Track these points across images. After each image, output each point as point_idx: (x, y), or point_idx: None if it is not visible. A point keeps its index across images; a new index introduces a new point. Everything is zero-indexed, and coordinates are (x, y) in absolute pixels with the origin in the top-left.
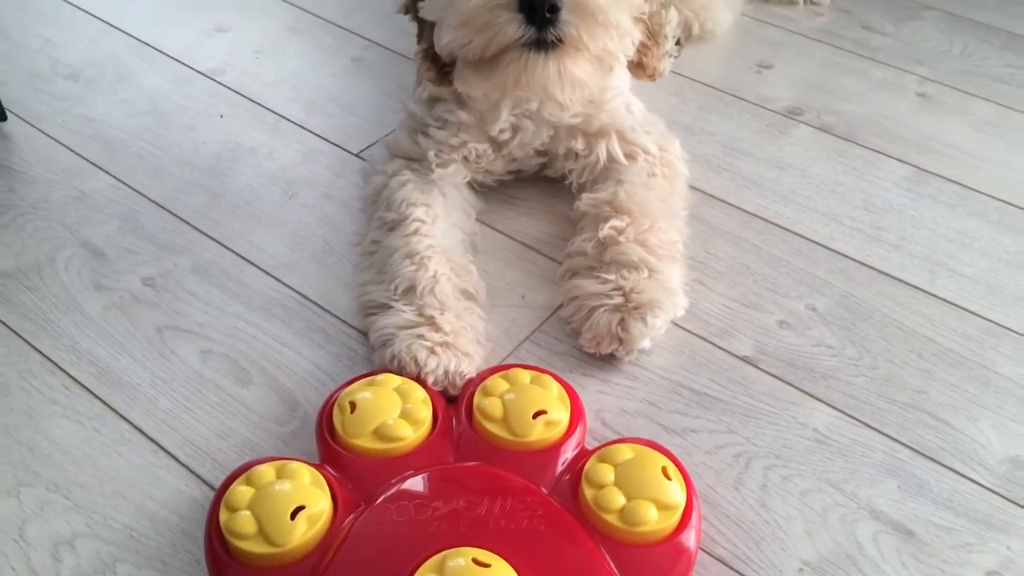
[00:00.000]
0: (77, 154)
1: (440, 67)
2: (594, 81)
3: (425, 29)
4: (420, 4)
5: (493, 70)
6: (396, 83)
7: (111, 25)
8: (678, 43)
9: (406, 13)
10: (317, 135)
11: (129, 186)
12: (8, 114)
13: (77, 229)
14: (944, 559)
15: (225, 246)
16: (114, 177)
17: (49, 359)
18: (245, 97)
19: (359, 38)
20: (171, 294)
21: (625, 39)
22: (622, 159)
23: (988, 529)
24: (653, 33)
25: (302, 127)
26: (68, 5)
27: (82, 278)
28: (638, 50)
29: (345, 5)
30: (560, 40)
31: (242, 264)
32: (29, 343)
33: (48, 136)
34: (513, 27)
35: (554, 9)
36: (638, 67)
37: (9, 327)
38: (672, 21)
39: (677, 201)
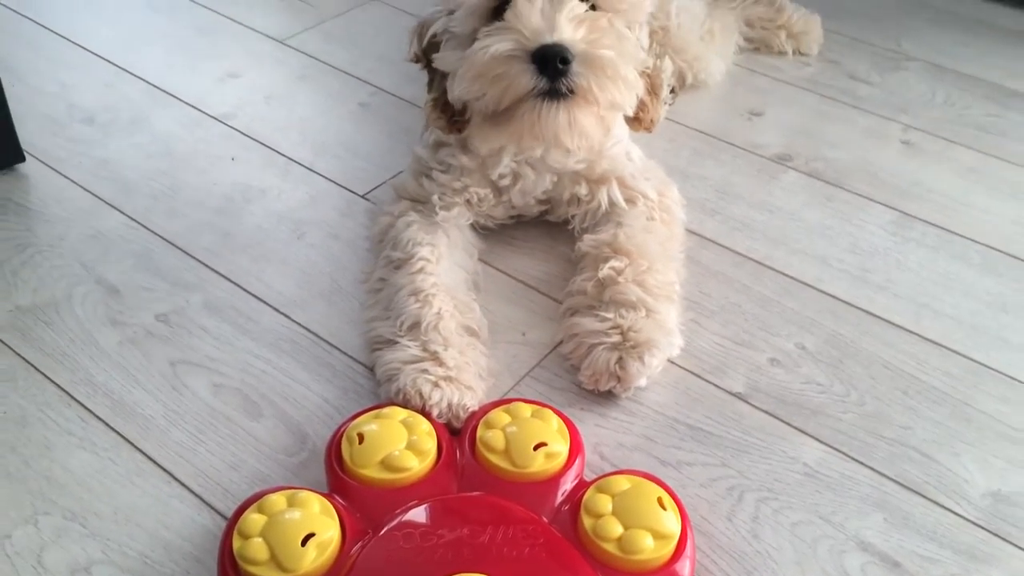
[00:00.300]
0: (93, 194)
1: (450, 116)
2: (597, 134)
3: (436, 79)
4: (434, 56)
5: (508, 121)
6: (401, 128)
7: (125, 70)
8: (672, 91)
9: (416, 62)
10: (325, 177)
11: (144, 226)
12: (26, 155)
13: (93, 267)
14: None
15: (236, 284)
16: (129, 217)
17: (65, 391)
18: (256, 141)
19: (366, 85)
20: (184, 330)
21: (631, 92)
22: (623, 204)
23: (972, 560)
24: (653, 88)
25: (311, 170)
26: (82, 50)
27: (98, 314)
28: (638, 104)
29: (353, 53)
30: (572, 91)
31: (252, 301)
32: (46, 376)
33: (65, 177)
34: (526, 78)
35: (565, 61)
36: (635, 120)
37: (27, 360)
38: (667, 70)
39: (674, 244)
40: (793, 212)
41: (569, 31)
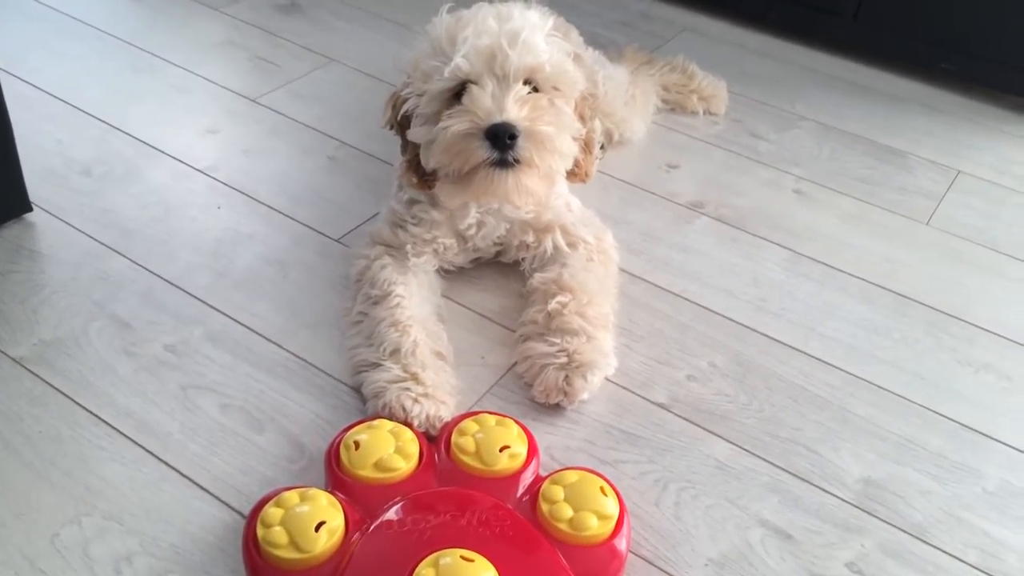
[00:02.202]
0: (97, 240)
1: (421, 175)
2: (541, 190)
3: (408, 145)
4: (408, 131)
5: (469, 184)
6: (367, 178)
7: (114, 127)
8: (602, 148)
9: (390, 128)
10: (303, 223)
11: (145, 267)
12: (32, 206)
13: (104, 304)
14: (814, 555)
15: (232, 318)
16: (131, 260)
17: (93, 413)
18: (238, 191)
19: (333, 140)
20: (190, 358)
21: (567, 158)
22: (565, 248)
23: (847, 532)
24: (587, 147)
25: (290, 217)
26: (73, 108)
27: (113, 346)
28: (574, 161)
29: (319, 111)
30: (518, 160)
31: (248, 333)
32: (74, 400)
33: (70, 225)
34: (482, 151)
35: (513, 137)
36: (572, 174)
37: (55, 387)
38: (597, 130)
39: (610, 282)
40: (705, 252)
41: (515, 111)
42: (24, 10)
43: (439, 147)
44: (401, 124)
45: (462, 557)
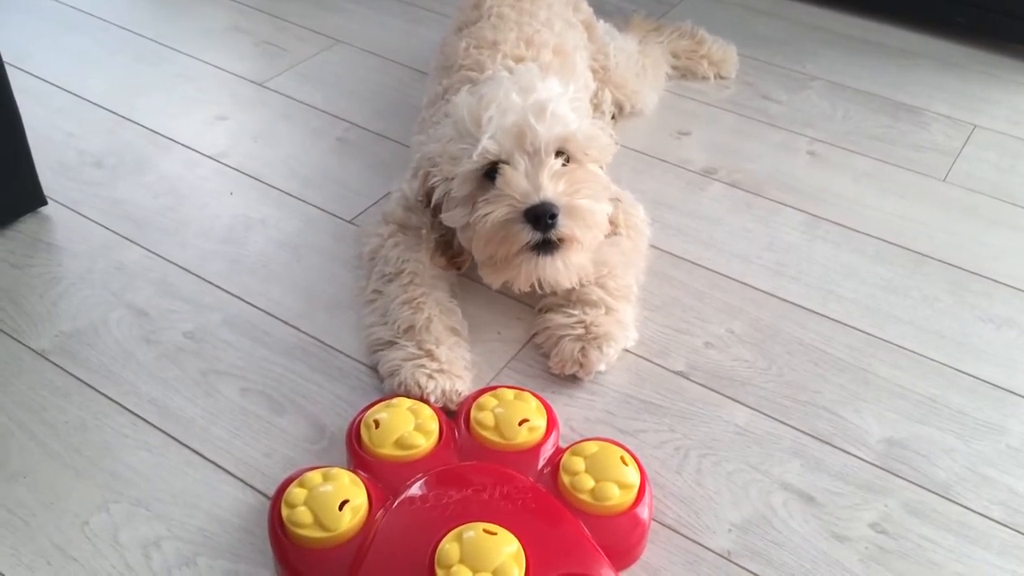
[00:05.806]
0: (111, 231)
1: (451, 257)
2: (588, 262)
3: (436, 222)
4: (442, 215)
5: (509, 267)
6: (377, 159)
7: (124, 118)
8: (613, 118)
9: (420, 202)
10: (315, 206)
11: (160, 256)
12: (47, 199)
13: (121, 294)
14: (838, 516)
15: (248, 302)
16: (146, 249)
17: (115, 402)
18: (249, 176)
19: (342, 121)
20: (209, 344)
21: (603, 225)
22: None
23: (870, 492)
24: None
25: (301, 200)
26: (83, 101)
27: (132, 334)
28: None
29: (326, 93)
30: (560, 239)
31: (265, 317)
32: (97, 390)
33: (84, 217)
34: (525, 233)
35: (553, 216)
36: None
37: (78, 378)
38: (607, 100)
39: (637, 255)
40: (719, 218)
41: (552, 188)
42: (28, 5)
43: (480, 238)
44: (433, 209)
45: (485, 531)
